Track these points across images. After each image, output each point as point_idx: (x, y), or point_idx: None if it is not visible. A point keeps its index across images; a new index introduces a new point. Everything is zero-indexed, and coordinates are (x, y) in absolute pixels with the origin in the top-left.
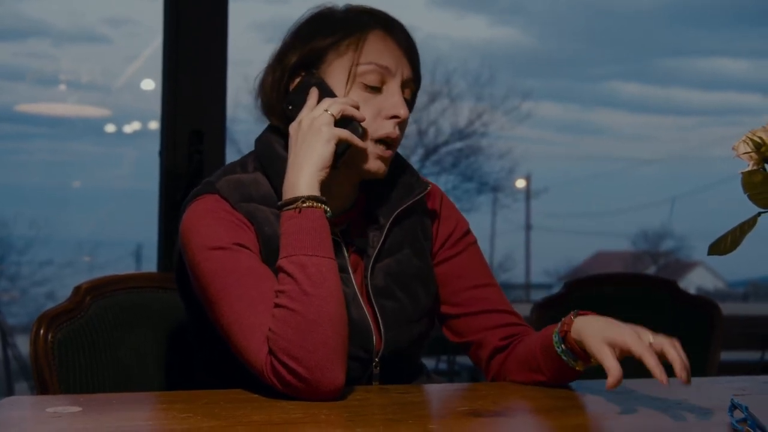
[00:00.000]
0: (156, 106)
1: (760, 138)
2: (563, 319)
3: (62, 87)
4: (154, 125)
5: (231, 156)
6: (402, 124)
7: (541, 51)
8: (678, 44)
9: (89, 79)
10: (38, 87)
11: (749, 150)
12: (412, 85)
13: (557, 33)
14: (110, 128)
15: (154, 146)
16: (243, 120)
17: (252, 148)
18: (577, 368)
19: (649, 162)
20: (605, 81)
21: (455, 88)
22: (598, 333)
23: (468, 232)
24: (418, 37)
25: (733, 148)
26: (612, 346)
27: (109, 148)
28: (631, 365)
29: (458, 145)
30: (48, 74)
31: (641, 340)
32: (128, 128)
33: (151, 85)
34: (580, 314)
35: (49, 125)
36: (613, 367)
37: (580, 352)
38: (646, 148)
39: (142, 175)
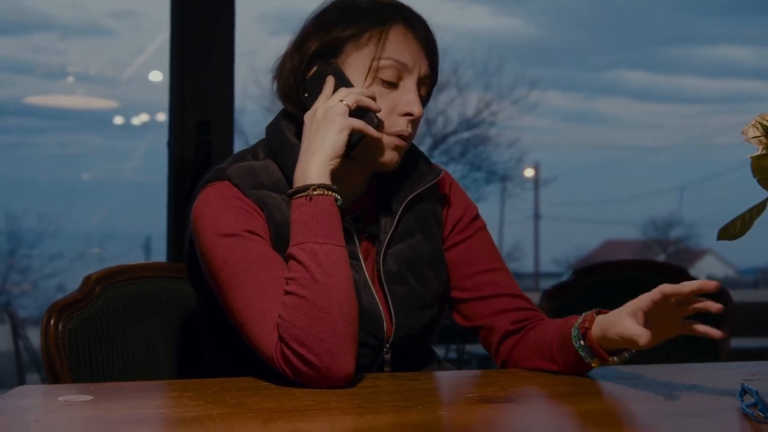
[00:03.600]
0: (164, 97)
1: None
2: (585, 314)
3: (70, 79)
4: (162, 117)
5: (239, 146)
6: (415, 122)
7: (544, 40)
8: (682, 32)
9: (96, 72)
10: (46, 80)
11: (759, 134)
12: (428, 82)
13: (560, 22)
14: (118, 120)
15: (163, 138)
16: (250, 111)
17: (260, 138)
18: (592, 365)
19: (656, 150)
20: (609, 70)
21: (463, 78)
22: (617, 315)
23: (477, 216)
24: None
25: (742, 132)
26: (634, 315)
27: (117, 140)
28: (642, 355)
29: (466, 134)
30: (55, 67)
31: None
32: (136, 120)
33: (159, 76)
34: (602, 312)
35: (57, 118)
36: (638, 331)
37: (598, 350)
38: (653, 136)
39: (151, 167)
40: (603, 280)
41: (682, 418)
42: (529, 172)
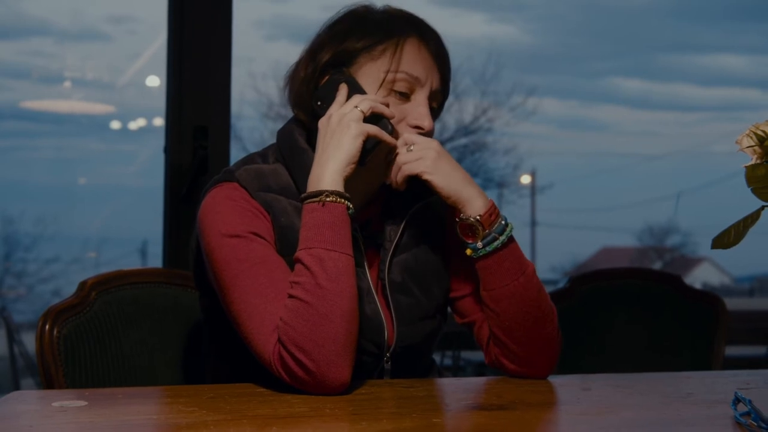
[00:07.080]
0: (161, 102)
1: (764, 132)
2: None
3: (67, 84)
4: (159, 122)
5: (236, 152)
6: (426, 136)
7: (540, 48)
8: (679, 40)
9: (94, 77)
10: (43, 84)
11: (752, 144)
12: (439, 97)
13: (555, 30)
14: (116, 125)
15: (160, 143)
16: (248, 117)
17: (257, 145)
18: (468, 252)
19: (653, 158)
20: (606, 77)
21: (460, 85)
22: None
23: None
24: None
25: (736, 142)
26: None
27: (114, 144)
28: (629, 362)
29: (463, 141)
30: (52, 72)
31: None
32: (133, 125)
33: (156, 81)
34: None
35: (55, 122)
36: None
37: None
38: (650, 143)
39: (148, 172)
40: (598, 287)
41: (676, 427)
42: (525, 179)
